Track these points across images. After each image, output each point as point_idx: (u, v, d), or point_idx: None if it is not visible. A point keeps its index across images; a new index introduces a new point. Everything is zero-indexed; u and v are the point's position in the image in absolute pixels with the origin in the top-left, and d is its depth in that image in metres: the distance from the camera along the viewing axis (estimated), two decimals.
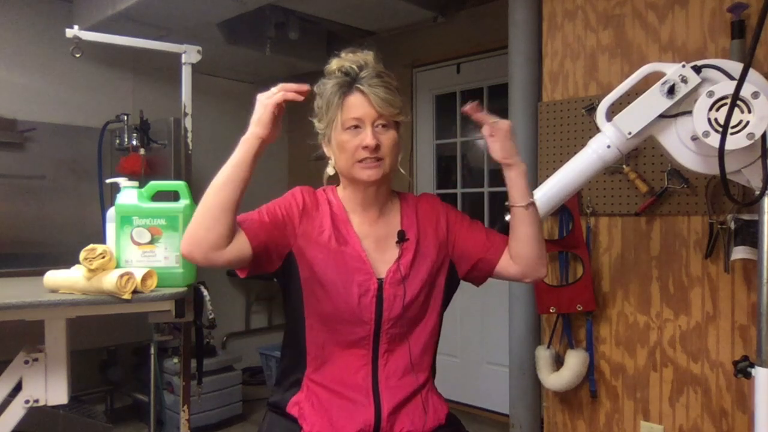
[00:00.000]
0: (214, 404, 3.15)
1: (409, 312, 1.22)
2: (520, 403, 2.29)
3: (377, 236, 1.27)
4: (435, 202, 1.35)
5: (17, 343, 1.67)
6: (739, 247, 1.65)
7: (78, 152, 3.19)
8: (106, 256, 1.57)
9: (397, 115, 1.21)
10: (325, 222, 1.24)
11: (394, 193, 1.34)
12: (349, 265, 1.21)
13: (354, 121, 1.18)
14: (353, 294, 1.19)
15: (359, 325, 1.20)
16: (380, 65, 1.22)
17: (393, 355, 1.22)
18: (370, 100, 1.17)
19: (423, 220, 1.30)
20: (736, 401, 1.74)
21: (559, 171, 1.26)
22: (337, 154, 1.22)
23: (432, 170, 3.71)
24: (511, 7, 2.31)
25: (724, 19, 1.74)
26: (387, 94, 1.18)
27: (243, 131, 1.21)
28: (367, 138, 1.17)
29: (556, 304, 1.99)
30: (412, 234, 1.27)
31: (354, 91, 1.19)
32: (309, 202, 1.26)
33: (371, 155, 1.17)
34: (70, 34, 2.08)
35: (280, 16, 3.22)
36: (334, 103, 1.20)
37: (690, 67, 1.16)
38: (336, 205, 1.28)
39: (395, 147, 1.22)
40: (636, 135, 1.19)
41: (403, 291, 1.21)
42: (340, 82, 1.20)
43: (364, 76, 1.19)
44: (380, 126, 1.19)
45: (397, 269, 1.23)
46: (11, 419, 1.61)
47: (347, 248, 1.22)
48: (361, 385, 1.20)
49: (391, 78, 1.22)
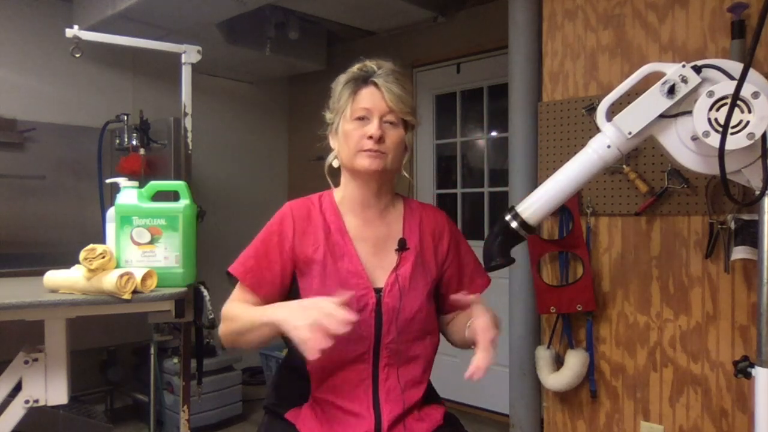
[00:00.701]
0: (213, 404, 3.15)
1: (408, 327, 1.21)
2: (520, 403, 2.29)
3: (375, 239, 1.25)
4: (442, 218, 1.34)
5: (17, 343, 1.67)
6: (740, 247, 1.64)
7: (78, 152, 3.19)
8: (106, 256, 1.57)
9: (407, 114, 1.21)
10: (319, 236, 1.22)
11: (398, 197, 1.32)
12: (346, 282, 1.19)
13: (363, 111, 1.18)
14: (351, 310, 1.15)
15: (359, 341, 1.18)
16: (399, 69, 1.24)
17: (393, 369, 1.21)
18: (382, 93, 1.18)
19: (426, 233, 1.29)
20: (737, 401, 1.74)
21: (559, 171, 1.25)
22: (342, 144, 1.22)
23: (432, 170, 3.71)
24: (511, 7, 2.31)
25: (724, 19, 1.74)
26: (400, 90, 1.19)
27: (243, 131, 1.21)
28: (373, 128, 1.17)
29: (556, 304, 1.99)
30: (413, 243, 1.26)
31: (368, 84, 1.20)
32: (300, 218, 1.24)
33: (374, 146, 1.17)
34: (70, 34, 2.08)
35: (280, 16, 3.22)
36: (346, 95, 1.21)
37: (690, 67, 1.15)
38: (330, 212, 1.26)
39: (400, 145, 1.21)
40: (636, 135, 1.18)
41: (402, 305, 1.20)
42: (355, 76, 1.21)
43: (381, 73, 1.20)
44: (388, 122, 1.19)
45: (396, 280, 1.21)
46: (11, 419, 1.61)
47: (343, 263, 1.21)
48: (362, 399, 1.19)
49: (407, 80, 1.23)
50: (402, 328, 1.20)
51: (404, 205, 1.31)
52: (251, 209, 3.96)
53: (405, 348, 1.21)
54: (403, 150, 1.24)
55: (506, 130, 2.49)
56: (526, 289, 2.23)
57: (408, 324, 1.20)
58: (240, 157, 4.12)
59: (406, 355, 1.22)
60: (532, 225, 1.25)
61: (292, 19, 3.25)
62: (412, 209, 1.31)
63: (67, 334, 1.66)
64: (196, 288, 2.03)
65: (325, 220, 1.25)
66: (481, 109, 3.51)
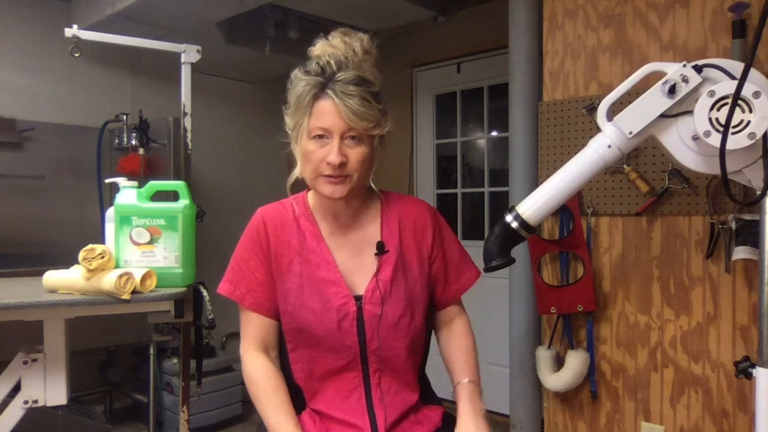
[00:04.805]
0: (213, 405, 3.15)
1: (393, 333, 1.16)
2: (521, 403, 2.28)
3: (352, 245, 1.20)
4: (424, 212, 1.26)
5: (16, 343, 1.67)
6: (740, 247, 1.64)
7: (77, 152, 3.18)
8: (105, 256, 1.56)
9: (370, 129, 1.09)
10: (293, 243, 1.18)
11: (373, 195, 1.25)
12: (325, 291, 1.14)
13: (320, 131, 1.08)
14: (332, 320, 1.13)
15: (343, 351, 1.14)
16: (368, 58, 1.13)
17: (385, 374, 1.17)
18: (339, 110, 1.06)
19: (406, 230, 1.22)
20: (737, 402, 1.73)
21: (560, 171, 1.25)
22: (302, 162, 1.14)
23: (432, 170, 3.71)
24: (512, 6, 2.31)
25: (725, 19, 1.74)
26: (360, 105, 1.06)
27: (243, 131, 1.19)
28: (332, 153, 1.07)
29: (557, 304, 1.98)
30: (392, 245, 1.19)
31: (325, 95, 1.07)
32: (273, 226, 1.19)
33: (335, 171, 1.08)
34: (69, 34, 2.08)
35: (279, 16, 3.21)
36: (303, 106, 1.10)
37: (691, 67, 1.15)
38: (304, 216, 1.21)
39: (365, 163, 1.11)
40: (637, 135, 1.18)
41: (384, 311, 1.15)
42: (312, 81, 1.09)
43: (340, 79, 1.07)
44: (350, 138, 1.08)
45: (376, 286, 1.15)
46: (10, 420, 1.61)
47: (320, 271, 1.16)
48: (355, 407, 1.15)
49: (373, 83, 1.10)
50: (386, 335, 1.15)
51: (381, 203, 1.24)
52: (251, 209, 3.90)
53: (393, 353, 1.17)
54: (371, 164, 1.14)
55: (506, 129, 2.49)
56: (527, 289, 2.23)
57: (393, 330, 1.16)
58: (240, 157, 4.11)
59: (396, 360, 1.17)
60: (533, 225, 1.24)
61: (291, 18, 3.24)
62: (390, 207, 1.24)
63: (66, 334, 1.66)
64: (196, 288, 2.03)
65: (299, 226, 1.20)
66: (482, 108, 3.51)
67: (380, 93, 1.13)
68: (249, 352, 1.19)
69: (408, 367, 1.20)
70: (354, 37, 1.13)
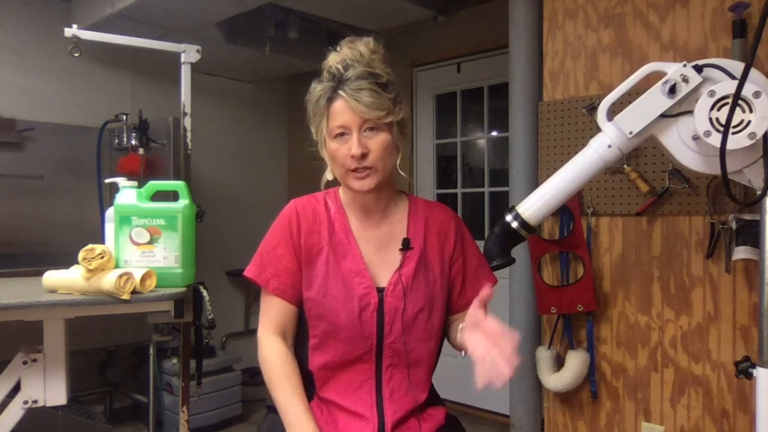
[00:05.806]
0: (213, 405, 3.14)
1: (411, 327, 1.19)
2: (521, 403, 2.28)
3: (379, 240, 1.24)
4: (449, 217, 1.31)
5: (16, 343, 1.67)
6: (741, 247, 1.64)
7: (77, 152, 3.18)
8: (104, 256, 1.56)
9: (385, 117, 1.15)
10: (323, 234, 1.23)
11: (401, 194, 1.31)
12: (349, 281, 1.19)
13: (340, 129, 1.15)
14: (354, 309, 1.17)
15: (361, 341, 1.18)
16: (376, 56, 1.18)
17: (397, 370, 1.20)
18: (352, 106, 1.13)
19: (431, 232, 1.27)
20: (738, 402, 1.73)
21: (560, 171, 1.25)
22: (331, 163, 1.21)
23: (432, 170, 3.71)
24: (512, 6, 2.31)
25: (725, 19, 1.74)
26: (369, 96, 1.12)
27: (243, 131, 1.20)
28: (353, 146, 1.13)
29: (557, 304, 1.98)
30: (416, 243, 1.24)
31: (337, 96, 1.15)
32: (304, 216, 1.24)
33: (359, 164, 1.14)
34: (69, 34, 2.08)
35: (279, 16, 3.21)
36: (320, 111, 1.18)
37: (691, 67, 1.15)
38: (335, 210, 1.26)
39: (387, 150, 1.17)
40: (637, 135, 1.18)
41: (404, 305, 1.19)
42: (324, 87, 1.17)
43: (348, 78, 1.14)
44: (368, 130, 1.15)
45: (399, 280, 1.20)
46: (10, 420, 1.61)
47: (345, 261, 1.21)
48: (365, 399, 1.18)
49: (381, 74, 1.16)
50: (404, 328, 1.19)
51: (409, 204, 1.30)
52: (251, 209, 3.95)
53: (408, 348, 1.20)
54: (394, 150, 1.20)
55: (506, 129, 2.48)
56: (527, 289, 2.22)
57: (410, 324, 1.19)
58: (240, 157, 4.11)
59: (410, 356, 1.21)
60: (533, 225, 1.24)
61: (291, 18, 3.24)
62: (418, 209, 1.30)
63: (66, 334, 1.66)
64: (196, 288, 2.03)
65: (330, 218, 1.25)
66: (482, 108, 3.51)
67: (390, 83, 1.18)
68: (267, 335, 1.22)
69: (420, 365, 1.22)
70: (359, 42, 1.19)
